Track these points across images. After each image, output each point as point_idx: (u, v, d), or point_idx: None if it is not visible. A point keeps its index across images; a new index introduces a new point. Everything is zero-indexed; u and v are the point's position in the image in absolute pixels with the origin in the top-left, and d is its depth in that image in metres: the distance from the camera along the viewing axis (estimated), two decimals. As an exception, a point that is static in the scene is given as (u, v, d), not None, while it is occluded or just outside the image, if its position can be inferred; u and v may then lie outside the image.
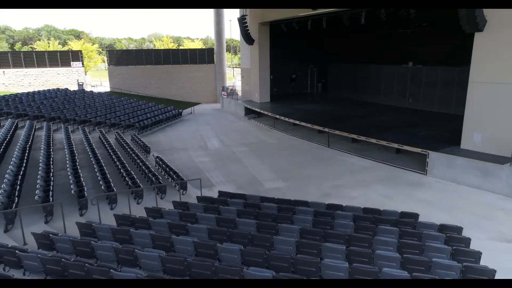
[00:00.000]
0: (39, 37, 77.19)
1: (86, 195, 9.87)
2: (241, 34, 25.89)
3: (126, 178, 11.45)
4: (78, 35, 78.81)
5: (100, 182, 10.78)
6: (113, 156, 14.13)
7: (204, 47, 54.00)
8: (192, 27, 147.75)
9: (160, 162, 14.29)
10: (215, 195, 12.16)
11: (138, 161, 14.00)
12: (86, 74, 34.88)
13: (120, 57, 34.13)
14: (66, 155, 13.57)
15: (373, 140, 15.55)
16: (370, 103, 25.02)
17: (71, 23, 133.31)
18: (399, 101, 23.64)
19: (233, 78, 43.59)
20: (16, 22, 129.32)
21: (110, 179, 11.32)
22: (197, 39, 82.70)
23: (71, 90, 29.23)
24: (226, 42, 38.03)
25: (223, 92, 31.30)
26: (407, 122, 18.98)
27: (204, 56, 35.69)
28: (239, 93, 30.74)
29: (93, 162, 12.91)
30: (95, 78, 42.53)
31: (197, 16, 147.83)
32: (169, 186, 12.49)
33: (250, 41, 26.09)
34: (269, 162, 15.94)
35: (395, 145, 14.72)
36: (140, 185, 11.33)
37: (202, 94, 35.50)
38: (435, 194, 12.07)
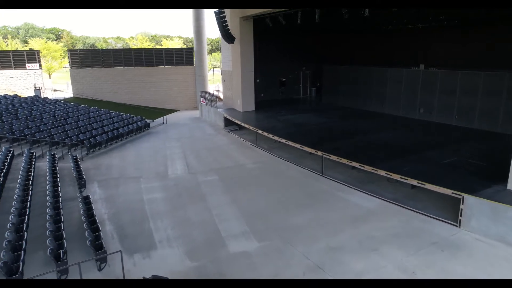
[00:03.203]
0: (17, 36, 72.36)
1: None
2: (220, 31, 21.73)
3: (2, 254, 7.27)
4: (59, 34, 74.12)
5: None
6: (16, 199, 9.94)
7: (184, 46, 49.63)
8: (184, 26, 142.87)
9: (85, 209, 10.12)
10: (151, 266, 8.20)
11: (50, 208, 9.80)
12: (50, 77, 30.61)
13: (84, 57, 29.70)
14: None
15: (382, 173, 11.48)
16: (373, 112, 21.02)
17: (57, 21, 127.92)
18: (407, 111, 19.64)
19: (219, 81, 39.40)
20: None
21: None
22: (187, 38, 78.36)
23: (22, 96, 24.93)
24: (218, 41, 33.97)
25: (202, 99, 27.16)
26: (422, 141, 14.96)
27: (182, 57, 31.40)
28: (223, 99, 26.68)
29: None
30: (63, 81, 38.15)
31: (188, 14, 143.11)
32: (87, 251, 8.40)
33: (230, 39, 21.96)
34: (242, 201, 11.84)
35: (414, 182, 10.66)
36: (22, 262, 7.17)
37: (180, 100, 31.30)
38: (479, 265, 8.03)
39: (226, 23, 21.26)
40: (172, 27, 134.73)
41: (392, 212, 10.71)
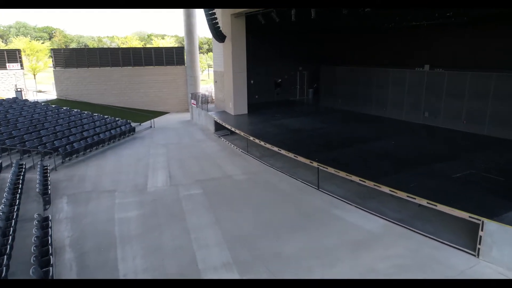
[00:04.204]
0: (8, 35, 70.72)
1: None
2: (209, 28, 20.29)
3: None
4: (52, 33, 72.47)
5: None
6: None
7: (176, 45, 48.09)
8: (181, 25, 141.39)
9: (40, 234, 8.65)
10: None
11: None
12: (35, 78, 29.07)
13: (68, 57, 28.14)
14: None
15: (386, 189, 10.05)
16: (373, 116, 19.62)
17: (51, 20, 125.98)
18: (410, 115, 18.23)
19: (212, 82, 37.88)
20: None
21: None
22: (184, 37, 76.69)
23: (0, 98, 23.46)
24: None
25: (192, 101, 25.70)
26: (429, 150, 13.54)
27: (173, 56, 29.89)
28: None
29: None
30: (51, 81, 36.49)
31: (180, 13, 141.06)
32: None
33: (220, 38, 20.55)
34: (226, 221, 10.39)
35: (424, 202, 9.22)
36: None
37: (171, 102, 29.82)
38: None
39: (216, 20, 19.84)
40: (169, 26, 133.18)
41: (398, 236, 9.28)
